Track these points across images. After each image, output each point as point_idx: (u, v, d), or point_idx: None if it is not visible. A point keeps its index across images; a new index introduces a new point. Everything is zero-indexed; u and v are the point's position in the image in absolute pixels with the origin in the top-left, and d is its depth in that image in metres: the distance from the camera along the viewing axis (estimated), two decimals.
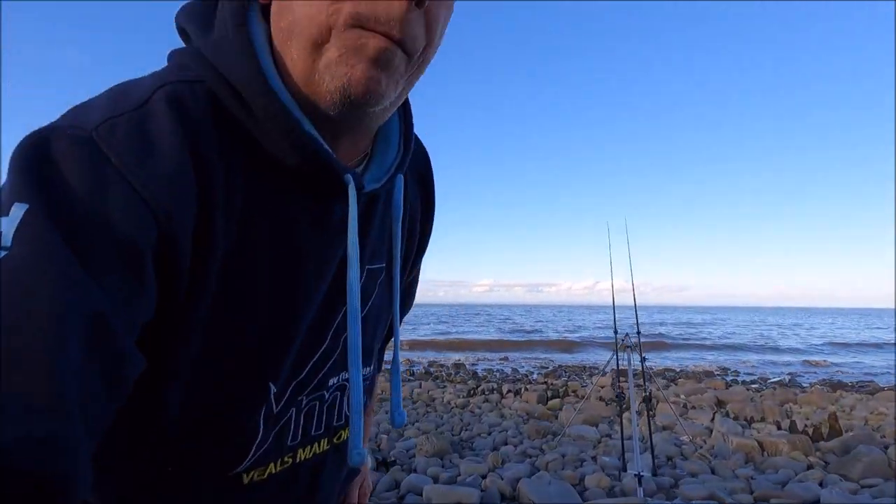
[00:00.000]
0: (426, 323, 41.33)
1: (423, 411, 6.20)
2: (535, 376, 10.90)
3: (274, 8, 0.45)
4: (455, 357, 15.45)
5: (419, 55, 0.44)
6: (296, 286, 0.48)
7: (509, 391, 7.64)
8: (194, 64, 0.44)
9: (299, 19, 0.41)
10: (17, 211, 0.32)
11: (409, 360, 14.49)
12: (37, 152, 0.35)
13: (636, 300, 4.30)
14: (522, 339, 21.86)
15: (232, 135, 0.43)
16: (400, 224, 0.58)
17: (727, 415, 5.84)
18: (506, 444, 4.57)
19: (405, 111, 0.57)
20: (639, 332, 4.07)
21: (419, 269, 0.75)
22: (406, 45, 0.41)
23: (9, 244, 0.31)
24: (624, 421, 3.93)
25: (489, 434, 4.92)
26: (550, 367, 12.63)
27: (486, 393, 7.66)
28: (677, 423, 4.99)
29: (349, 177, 0.46)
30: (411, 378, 9.91)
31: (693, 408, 6.33)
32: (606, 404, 6.14)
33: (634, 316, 4.11)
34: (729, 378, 10.74)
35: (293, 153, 0.43)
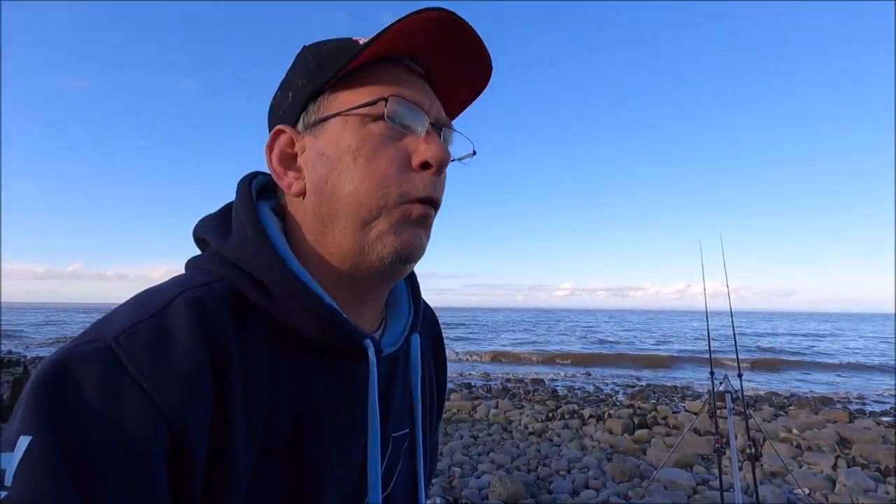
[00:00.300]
0: (505, 330, 40.93)
1: (498, 438, 6.00)
2: (619, 397, 10.25)
3: (308, 200, 0.51)
4: (534, 372, 15.03)
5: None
6: (321, 467, 0.49)
7: (591, 416, 7.20)
8: (212, 266, 0.49)
9: (347, 205, 0.49)
10: (22, 444, 0.34)
11: (486, 373, 14.33)
12: (52, 378, 0.37)
13: (733, 308, 3.64)
14: (607, 353, 20.73)
15: (254, 322, 0.47)
16: (419, 385, 0.60)
17: (853, 461, 5.02)
18: (587, 486, 4.25)
19: (410, 274, 0.61)
20: (737, 354, 3.51)
21: (438, 433, 0.77)
22: (436, 204, 0.52)
23: (9, 483, 0.33)
24: (724, 463, 3.46)
25: (569, 472, 4.62)
26: (637, 387, 11.80)
27: (567, 417, 7.29)
28: (789, 469, 4.35)
29: (368, 341, 0.50)
30: (488, 395, 9.72)
31: (809, 448, 5.52)
32: (700, 434, 5.55)
33: (731, 329, 3.54)
34: (853, 407, 9.28)
35: (314, 326, 0.48)
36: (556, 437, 6.02)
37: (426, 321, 0.68)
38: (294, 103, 0.53)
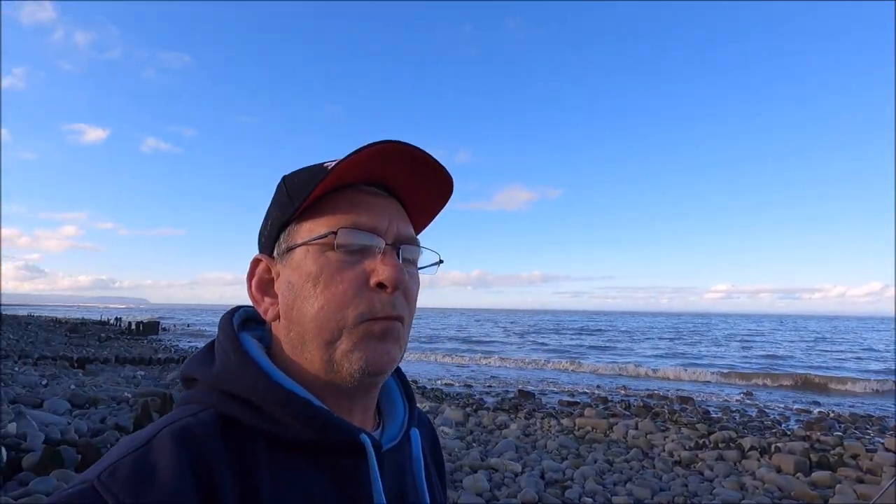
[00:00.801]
0: (647, 338, 37.81)
1: (637, 465, 5.49)
2: (791, 425, 8.74)
3: (281, 324, 0.55)
4: (681, 388, 13.57)
5: (408, 319, 0.56)
6: None
7: (753, 447, 6.21)
8: (199, 397, 0.51)
9: (310, 329, 0.52)
10: None
11: (624, 387, 13.35)
12: None
13: None
14: (776, 370, 17.86)
15: (247, 441, 0.48)
16: (423, 479, 0.60)
17: None
18: None
19: (397, 370, 0.64)
20: None
21: None
22: (401, 319, 0.54)
23: None
24: None
25: None
26: (815, 414, 9.94)
27: (721, 446, 6.39)
28: None
29: (364, 437, 0.52)
30: (626, 413, 9.01)
31: None
32: None
33: None
34: None
35: (309, 430, 0.49)
36: (707, 471, 5.30)
37: (422, 424, 0.70)
38: (270, 233, 0.58)
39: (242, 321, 0.61)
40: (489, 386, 13.43)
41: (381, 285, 0.52)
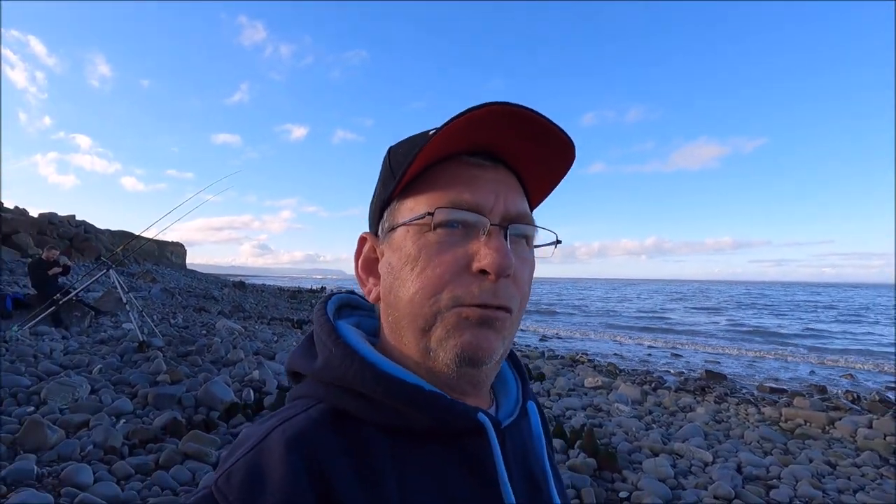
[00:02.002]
0: (881, 317, 30.36)
1: (872, 472, 4.46)
2: None
3: (382, 307, 0.54)
4: None
5: (518, 308, 0.51)
6: None
7: None
8: (308, 391, 0.50)
9: (406, 314, 0.50)
10: None
11: (850, 375, 10.96)
12: None
13: None
14: None
15: (363, 433, 0.47)
16: (545, 455, 0.58)
17: None
18: None
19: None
20: None
21: None
22: (504, 307, 0.48)
23: None
24: None
25: None
26: None
27: None
28: None
29: (482, 416, 0.49)
30: (854, 408, 7.38)
31: None
32: None
33: None
34: None
35: (424, 415, 0.47)
36: None
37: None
38: (374, 211, 0.56)
39: (337, 308, 0.59)
40: (670, 363, 12.35)
41: (483, 272, 0.48)
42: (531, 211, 0.55)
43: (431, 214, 0.48)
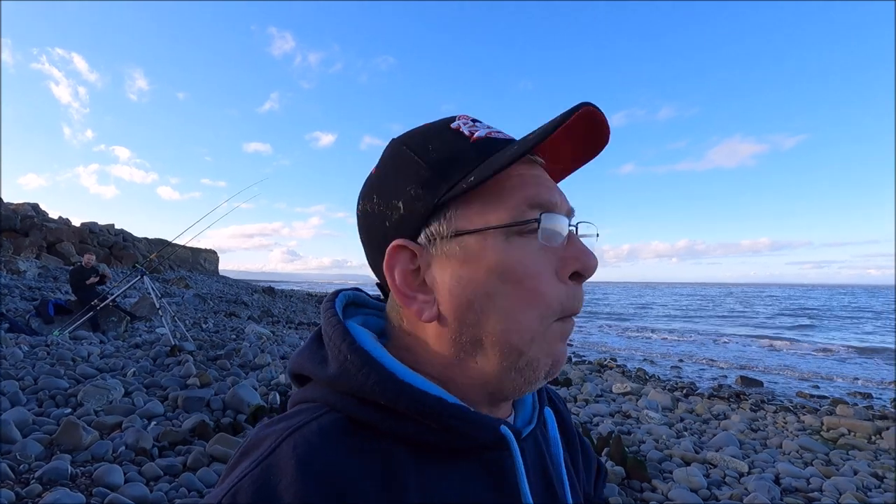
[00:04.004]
0: None
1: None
2: None
3: (445, 326, 0.47)
4: None
5: None
6: None
7: None
8: (319, 397, 0.46)
9: (495, 333, 0.45)
10: None
11: (863, 381, 10.37)
12: None
13: None
14: None
15: (380, 445, 0.43)
16: (562, 462, 0.56)
17: None
18: None
19: None
20: None
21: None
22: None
23: None
24: None
25: None
26: None
27: None
28: None
29: (505, 428, 0.47)
30: (875, 415, 6.98)
31: None
32: None
33: None
34: None
35: (446, 429, 0.44)
36: None
37: (548, 396, 0.65)
38: (410, 215, 0.47)
39: (344, 307, 0.54)
40: (703, 369, 11.95)
41: (575, 275, 0.46)
42: None
43: (537, 220, 0.44)
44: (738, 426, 5.94)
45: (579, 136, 0.49)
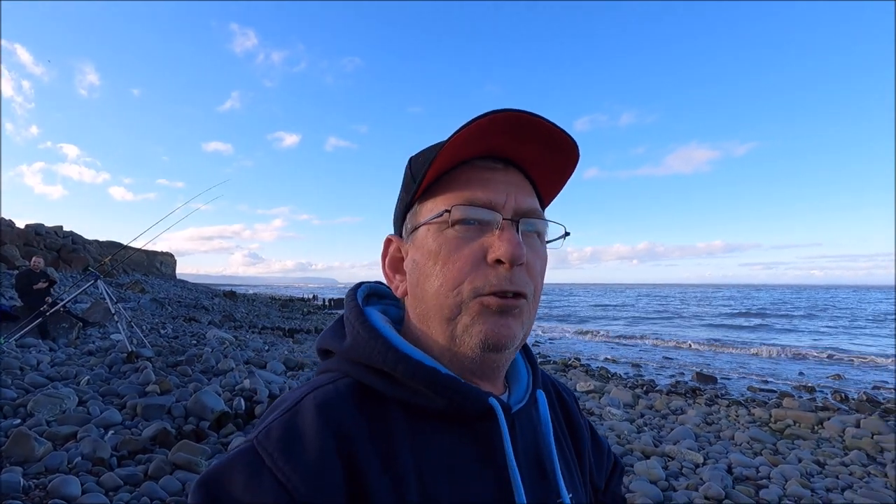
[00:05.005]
0: (869, 317, 30.76)
1: (860, 471, 4.52)
2: None
3: (409, 301, 0.59)
4: None
5: (532, 294, 0.55)
6: None
7: None
8: (337, 366, 0.56)
9: (433, 306, 0.54)
10: None
11: (838, 375, 11.09)
12: (211, 478, 0.45)
13: None
14: None
15: (383, 407, 0.52)
16: (552, 440, 0.60)
17: None
18: None
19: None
20: None
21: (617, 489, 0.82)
22: (522, 295, 0.53)
23: None
24: None
25: None
26: None
27: None
28: None
29: (493, 400, 0.53)
30: (842, 407, 7.48)
31: None
32: None
33: None
34: None
35: (439, 396, 0.51)
36: None
37: (545, 382, 0.72)
38: (398, 214, 0.61)
39: (366, 296, 0.65)
40: (661, 367, 12.41)
41: (498, 261, 0.52)
42: (543, 209, 0.60)
43: (448, 212, 0.53)
44: (694, 420, 6.22)
45: (535, 139, 0.54)
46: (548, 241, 0.59)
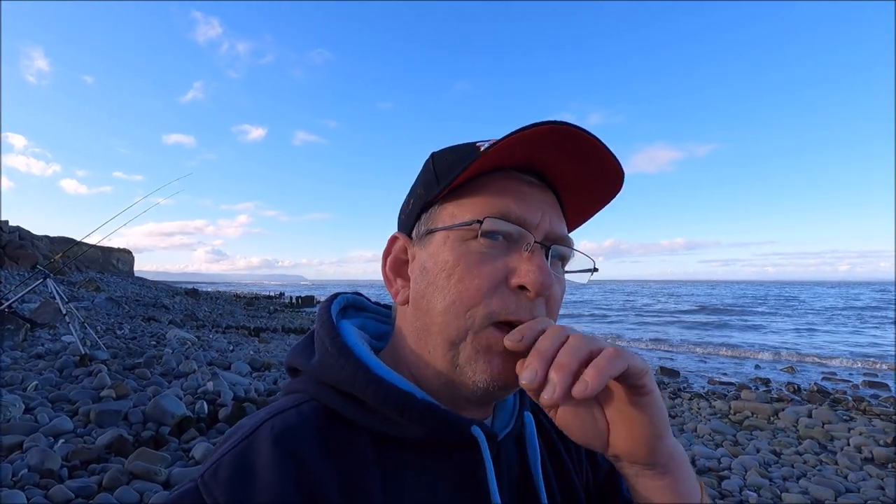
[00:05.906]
0: (822, 311, 32.52)
1: (813, 459, 4.74)
2: None
3: (409, 310, 0.52)
4: (870, 371, 11.41)
5: None
6: None
7: None
8: (302, 387, 0.50)
9: (437, 323, 0.48)
10: None
11: (791, 368, 11.64)
12: None
13: None
14: None
15: (351, 436, 0.46)
16: (539, 468, 0.55)
17: None
18: None
19: None
20: None
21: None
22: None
23: None
24: None
25: None
26: None
27: None
28: None
29: (476, 429, 0.48)
30: (795, 398, 7.84)
31: None
32: None
33: None
34: None
35: (415, 425, 0.46)
36: None
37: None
38: (411, 212, 0.54)
39: (342, 308, 0.59)
40: None
41: (522, 287, 0.47)
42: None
43: (480, 222, 0.47)
44: None
45: (574, 156, 0.48)
46: (569, 272, 0.54)
